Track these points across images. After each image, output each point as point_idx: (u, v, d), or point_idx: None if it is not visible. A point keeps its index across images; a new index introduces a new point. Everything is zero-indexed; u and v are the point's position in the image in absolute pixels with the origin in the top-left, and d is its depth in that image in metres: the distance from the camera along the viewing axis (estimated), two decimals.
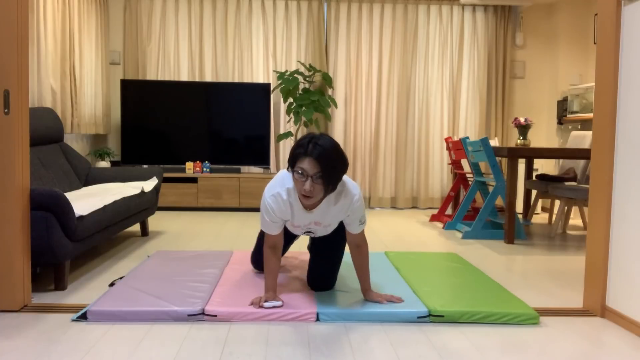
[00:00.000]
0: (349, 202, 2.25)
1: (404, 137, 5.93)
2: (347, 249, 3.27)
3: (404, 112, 5.92)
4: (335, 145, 2.12)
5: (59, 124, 3.81)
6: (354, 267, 2.50)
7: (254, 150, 5.69)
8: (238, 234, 4.24)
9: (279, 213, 2.24)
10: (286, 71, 5.52)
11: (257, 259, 2.79)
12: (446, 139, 5.36)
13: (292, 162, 2.13)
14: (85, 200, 2.88)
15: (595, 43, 5.49)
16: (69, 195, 3.20)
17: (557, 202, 5.95)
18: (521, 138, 4.71)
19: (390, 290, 2.52)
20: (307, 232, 2.44)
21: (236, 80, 5.80)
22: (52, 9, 4.30)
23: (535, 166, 5.76)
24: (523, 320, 2.24)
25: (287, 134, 5.44)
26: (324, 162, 2.07)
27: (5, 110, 2.22)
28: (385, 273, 2.84)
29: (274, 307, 2.24)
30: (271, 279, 2.31)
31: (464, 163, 5.46)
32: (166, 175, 5.39)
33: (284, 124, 5.92)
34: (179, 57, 5.78)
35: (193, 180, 5.44)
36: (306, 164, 2.07)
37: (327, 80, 5.53)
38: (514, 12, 6.07)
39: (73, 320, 2.18)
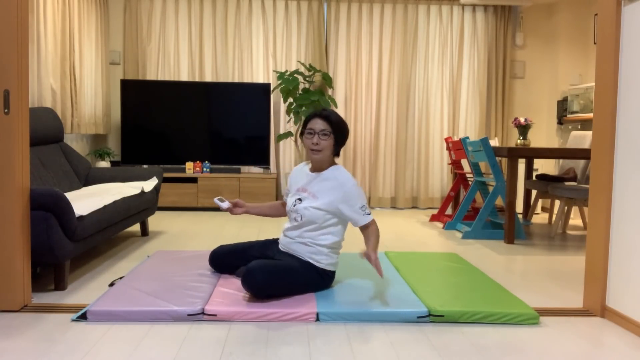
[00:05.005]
0: (340, 181, 2.45)
1: (404, 137, 5.93)
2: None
3: (404, 112, 5.92)
4: (338, 114, 2.53)
5: (59, 124, 3.81)
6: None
7: (254, 150, 5.69)
8: (238, 234, 4.23)
9: (292, 176, 2.69)
10: (286, 71, 5.52)
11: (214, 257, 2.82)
12: (446, 139, 5.36)
13: (304, 127, 2.51)
14: (85, 200, 2.88)
15: (595, 43, 5.49)
16: (69, 195, 3.20)
17: (557, 202, 5.95)
18: (521, 138, 4.71)
19: (390, 290, 2.52)
20: (295, 205, 2.51)
21: (236, 80, 5.80)
22: (52, 9, 4.30)
23: (535, 166, 5.76)
24: (523, 320, 2.24)
25: (287, 134, 5.43)
26: (330, 120, 2.47)
27: (5, 110, 2.22)
28: (385, 273, 2.84)
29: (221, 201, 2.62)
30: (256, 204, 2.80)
31: (464, 163, 5.46)
32: (166, 175, 5.39)
33: (284, 124, 5.91)
34: (179, 57, 5.78)
35: (193, 180, 5.44)
36: (314, 123, 2.48)
37: (327, 80, 5.53)
38: (514, 12, 6.06)
39: (73, 320, 2.18)
